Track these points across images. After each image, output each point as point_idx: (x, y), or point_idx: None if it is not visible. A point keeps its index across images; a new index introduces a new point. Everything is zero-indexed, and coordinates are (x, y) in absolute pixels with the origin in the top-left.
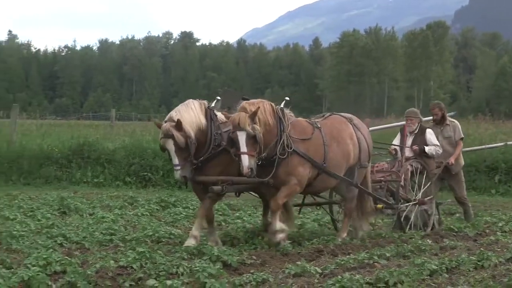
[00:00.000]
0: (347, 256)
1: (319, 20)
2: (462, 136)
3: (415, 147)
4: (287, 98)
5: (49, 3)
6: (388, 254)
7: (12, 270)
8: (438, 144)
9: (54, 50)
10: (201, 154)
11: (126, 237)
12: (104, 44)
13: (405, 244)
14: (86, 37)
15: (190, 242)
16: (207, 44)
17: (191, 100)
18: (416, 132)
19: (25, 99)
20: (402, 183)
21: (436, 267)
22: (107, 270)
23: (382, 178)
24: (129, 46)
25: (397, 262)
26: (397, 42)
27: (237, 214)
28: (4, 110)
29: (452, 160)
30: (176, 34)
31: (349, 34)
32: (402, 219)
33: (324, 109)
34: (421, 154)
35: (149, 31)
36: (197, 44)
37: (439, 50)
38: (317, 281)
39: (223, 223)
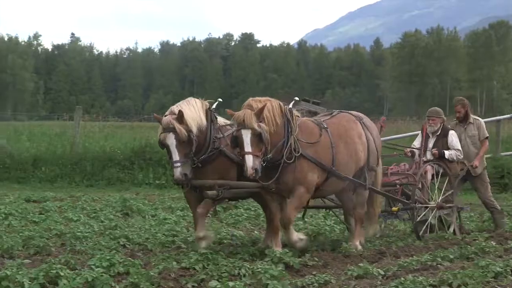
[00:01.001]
0: (410, 258)
1: (380, 21)
2: (487, 135)
3: (434, 150)
4: (297, 98)
5: (111, 6)
6: (451, 256)
7: (76, 271)
8: (460, 148)
9: (116, 52)
10: (199, 156)
11: (188, 238)
12: (165, 46)
13: (469, 246)
14: (148, 39)
15: (201, 245)
16: (268, 45)
17: (193, 98)
18: (438, 133)
19: (87, 101)
20: (419, 186)
21: (501, 269)
22: (169, 271)
23: (397, 181)
24: (190, 47)
25: (461, 264)
26: (459, 42)
27: (299, 216)
28: (67, 112)
29: (476, 162)
30: (236, 36)
31: (411, 34)
32: (418, 224)
33: (385, 110)
34: (441, 158)
35: (210, 33)
36: (258, 45)
37: (502, 50)
38: (379, 283)
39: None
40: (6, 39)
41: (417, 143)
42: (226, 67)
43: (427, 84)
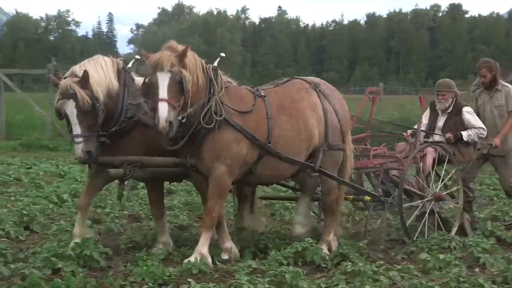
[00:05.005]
0: None
1: None
2: None
3: (448, 135)
4: (223, 54)
5: None
6: None
7: (286, 240)
8: (482, 126)
9: (322, 24)
10: (109, 128)
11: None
12: (372, 18)
13: None
14: (354, 11)
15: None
16: (476, 15)
17: (100, 55)
18: (449, 110)
19: (293, 73)
20: (415, 173)
21: None
22: (378, 243)
23: (380, 165)
24: (396, 19)
25: None
26: None
27: None
28: None
29: (497, 141)
30: (444, 6)
31: None
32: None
33: None
34: (457, 142)
35: (417, 4)
36: (466, 16)
37: None
38: None
39: None
40: (215, 13)
41: (425, 120)
42: (432, 38)
43: None
